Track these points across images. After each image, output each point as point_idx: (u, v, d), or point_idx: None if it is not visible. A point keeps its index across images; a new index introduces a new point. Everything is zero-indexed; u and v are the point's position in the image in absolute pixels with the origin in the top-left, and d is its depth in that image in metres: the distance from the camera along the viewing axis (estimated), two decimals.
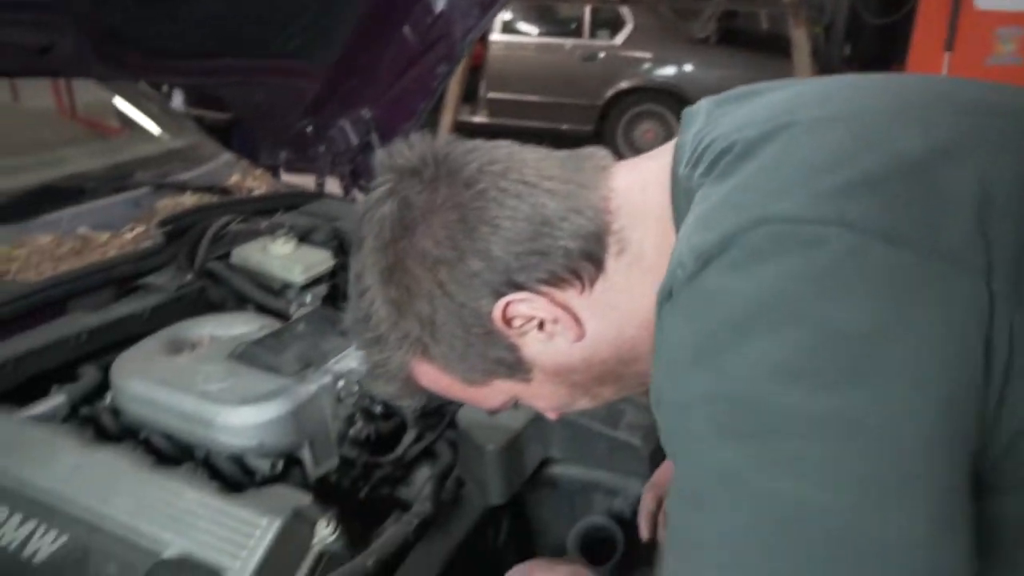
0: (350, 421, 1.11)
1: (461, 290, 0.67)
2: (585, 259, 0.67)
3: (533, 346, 0.70)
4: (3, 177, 1.43)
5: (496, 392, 0.75)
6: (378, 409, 1.17)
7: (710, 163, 0.61)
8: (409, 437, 1.22)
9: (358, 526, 1.00)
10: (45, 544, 0.93)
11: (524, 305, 0.67)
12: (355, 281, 0.74)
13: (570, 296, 0.68)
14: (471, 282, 0.67)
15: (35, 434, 1.03)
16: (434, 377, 0.76)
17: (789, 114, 0.61)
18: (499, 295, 0.67)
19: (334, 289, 1.60)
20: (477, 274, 0.66)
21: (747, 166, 0.58)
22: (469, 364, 0.72)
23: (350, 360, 1.17)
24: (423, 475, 1.21)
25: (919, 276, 0.50)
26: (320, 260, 1.55)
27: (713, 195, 0.58)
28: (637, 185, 0.68)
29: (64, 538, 0.93)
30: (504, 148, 0.71)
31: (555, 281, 0.67)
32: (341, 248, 1.66)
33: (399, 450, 1.22)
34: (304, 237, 1.62)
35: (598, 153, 0.73)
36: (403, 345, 0.72)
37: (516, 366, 0.72)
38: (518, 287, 0.67)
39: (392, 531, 0.96)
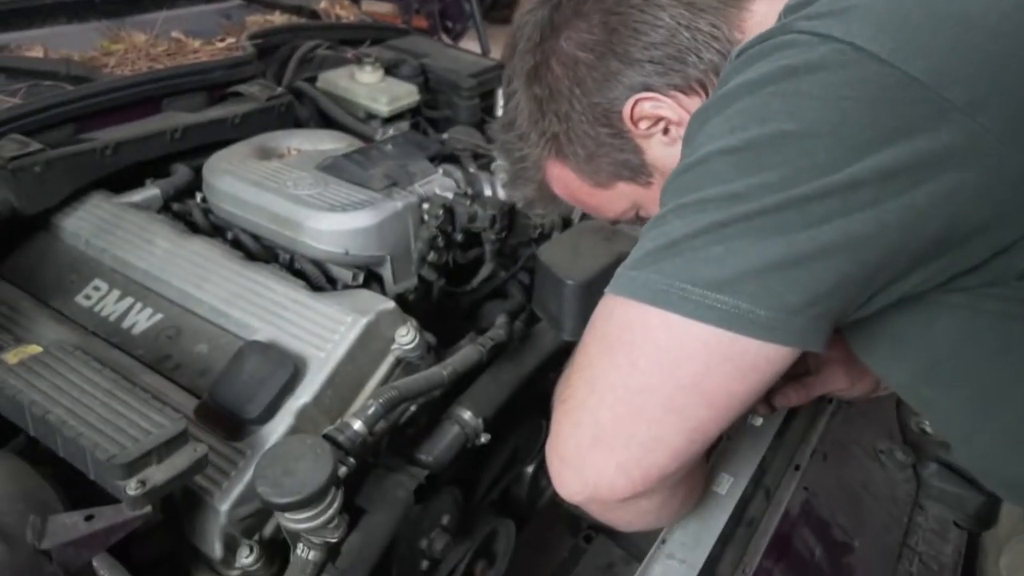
0: (431, 244, 1.11)
1: (597, 89, 0.73)
2: (713, 72, 0.71)
3: (656, 149, 0.76)
4: None
5: (619, 196, 0.82)
6: (459, 238, 1.17)
7: None
8: (486, 270, 1.22)
9: (433, 341, 1.01)
10: (142, 319, 0.97)
11: (650, 104, 0.72)
12: (506, 84, 0.82)
13: (695, 104, 0.71)
14: (607, 82, 0.72)
15: (132, 218, 1.06)
16: (565, 180, 0.83)
17: None
18: (631, 94, 0.72)
19: (415, 127, 1.58)
20: (614, 74, 0.72)
21: None
22: (596, 165, 0.79)
23: (435, 184, 1.16)
24: (494, 309, 1.22)
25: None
26: (406, 93, 1.52)
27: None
28: (773, 11, 0.70)
29: (159, 316, 0.97)
30: None
31: (684, 88, 0.72)
32: (426, 85, 1.62)
33: (474, 282, 1.23)
34: (390, 70, 1.59)
35: None
36: (541, 142, 0.80)
37: (639, 169, 0.78)
38: (649, 89, 0.72)
39: (468, 349, 0.97)
